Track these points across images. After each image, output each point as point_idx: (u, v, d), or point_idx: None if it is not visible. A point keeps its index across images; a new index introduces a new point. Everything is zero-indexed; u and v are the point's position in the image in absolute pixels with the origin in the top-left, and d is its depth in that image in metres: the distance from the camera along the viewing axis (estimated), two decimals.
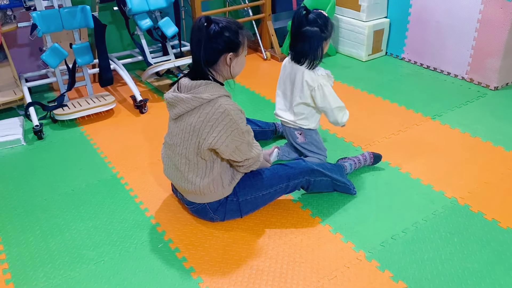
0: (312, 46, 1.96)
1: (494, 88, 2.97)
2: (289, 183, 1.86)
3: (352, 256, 1.70)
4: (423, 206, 1.94)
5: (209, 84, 1.65)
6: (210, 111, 1.62)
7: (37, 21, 2.54)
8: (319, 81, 2.00)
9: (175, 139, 1.73)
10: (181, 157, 1.73)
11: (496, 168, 2.18)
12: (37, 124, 2.59)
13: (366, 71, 3.38)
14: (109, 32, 3.11)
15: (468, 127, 2.54)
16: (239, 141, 1.66)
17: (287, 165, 1.89)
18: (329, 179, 1.94)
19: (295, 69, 2.05)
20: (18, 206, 2.04)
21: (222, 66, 1.68)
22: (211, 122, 1.62)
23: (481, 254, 1.69)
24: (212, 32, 1.60)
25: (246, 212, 1.87)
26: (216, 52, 1.64)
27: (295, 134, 2.16)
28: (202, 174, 1.72)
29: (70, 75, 2.75)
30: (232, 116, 1.62)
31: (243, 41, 1.68)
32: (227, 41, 1.63)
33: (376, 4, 3.41)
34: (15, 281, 1.64)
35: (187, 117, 1.66)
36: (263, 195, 1.84)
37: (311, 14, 1.96)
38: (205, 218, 1.88)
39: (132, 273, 1.66)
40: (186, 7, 3.52)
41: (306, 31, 1.95)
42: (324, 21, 1.96)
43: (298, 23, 1.97)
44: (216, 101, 1.62)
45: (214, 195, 1.77)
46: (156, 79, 3.32)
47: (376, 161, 2.21)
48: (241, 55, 1.70)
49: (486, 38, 2.91)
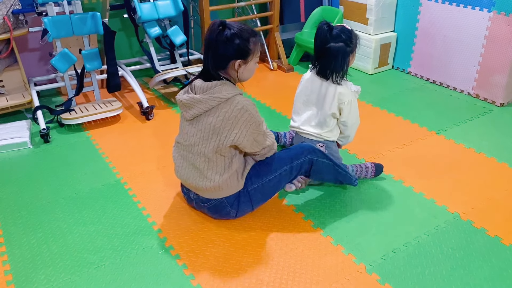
0: (337, 61, 1.96)
1: (500, 104, 2.97)
2: (293, 164, 1.89)
3: (352, 269, 1.69)
4: (425, 221, 1.94)
5: (224, 83, 1.69)
6: (229, 109, 1.67)
7: (48, 27, 2.59)
8: (351, 96, 2.03)
9: (192, 139, 1.76)
10: (200, 156, 1.76)
11: (500, 185, 2.17)
12: (44, 127, 2.62)
13: (372, 84, 3.39)
14: (118, 39, 3.15)
15: (473, 142, 2.54)
16: (256, 133, 1.73)
17: (290, 148, 1.95)
18: (331, 163, 1.96)
19: (326, 84, 2.04)
20: (22, 208, 2.06)
21: (230, 71, 1.73)
22: (231, 120, 1.67)
23: (483, 270, 1.68)
24: (224, 37, 1.64)
25: (257, 202, 1.89)
26: (225, 58, 1.68)
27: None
28: (222, 170, 1.77)
29: (79, 80, 2.78)
30: (250, 111, 1.68)
31: (253, 49, 1.70)
32: (236, 48, 1.66)
33: (383, 18, 3.43)
34: (16, 282, 1.65)
35: (204, 118, 1.71)
36: (270, 180, 1.86)
37: (335, 29, 1.95)
38: (221, 214, 1.90)
39: (132, 278, 1.66)
40: (195, 16, 3.56)
41: (331, 48, 1.95)
42: (348, 35, 1.96)
43: (322, 40, 1.96)
44: (233, 99, 1.68)
45: (231, 189, 1.81)
46: (163, 87, 3.35)
47: (378, 171, 2.22)
48: (250, 62, 1.73)
49: (492, 55, 2.92)
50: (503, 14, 2.79)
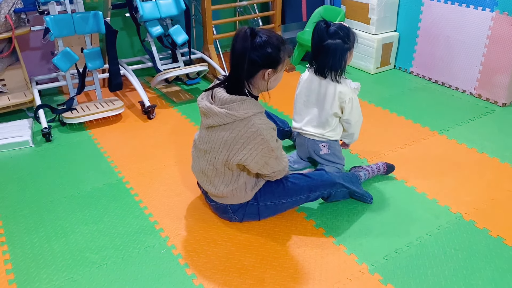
0: (335, 59, 1.95)
1: (503, 104, 2.96)
2: (310, 195, 1.87)
3: (355, 269, 1.69)
4: (427, 221, 1.93)
5: (244, 100, 1.63)
6: (242, 129, 1.62)
7: (50, 25, 2.58)
8: (351, 94, 2.02)
9: (205, 145, 1.75)
10: (209, 164, 1.75)
11: (503, 185, 2.16)
12: (46, 126, 2.62)
13: (374, 84, 3.38)
14: (120, 38, 3.14)
15: (475, 142, 2.53)
16: (267, 157, 1.67)
17: (310, 177, 1.88)
18: (347, 191, 1.96)
19: (325, 83, 2.03)
20: (24, 207, 2.06)
21: (259, 80, 1.66)
22: (242, 139, 1.62)
23: (485, 271, 1.67)
24: (255, 46, 1.58)
25: (265, 216, 1.89)
26: (255, 66, 1.61)
27: (318, 147, 2.13)
28: (228, 182, 1.75)
29: (80, 79, 2.78)
30: (264, 136, 1.62)
31: (283, 58, 1.65)
32: (268, 57, 1.60)
33: (385, 17, 3.43)
34: (18, 281, 1.65)
35: (219, 131, 1.67)
36: (283, 203, 1.85)
37: (332, 26, 1.94)
38: (225, 217, 1.91)
39: (134, 278, 1.66)
40: (197, 16, 3.56)
41: (328, 45, 1.94)
42: (346, 32, 1.95)
43: (320, 37, 1.95)
44: (249, 120, 1.62)
45: (236, 198, 1.81)
46: (164, 86, 3.35)
47: (389, 171, 2.22)
48: (280, 71, 1.69)
49: (495, 55, 2.91)
50: (506, 14, 2.78)
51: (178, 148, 2.51)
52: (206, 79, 3.48)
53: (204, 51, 3.41)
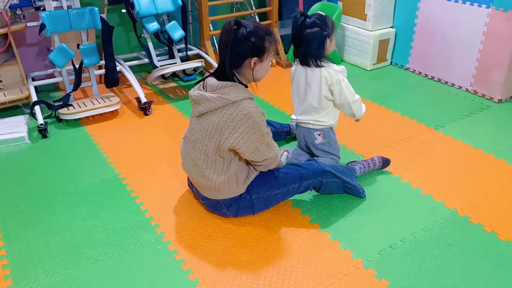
0: (315, 46, 2.01)
1: (498, 100, 2.97)
2: (302, 183, 1.90)
3: (349, 264, 1.70)
4: (422, 216, 1.94)
5: (235, 85, 1.69)
6: (233, 112, 1.66)
7: (45, 21, 2.58)
8: (337, 75, 2.04)
9: (196, 135, 1.77)
10: (201, 154, 1.77)
11: (497, 181, 2.18)
12: (42, 122, 2.61)
13: (370, 80, 3.39)
14: (116, 34, 3.14)
15: (471, 138, 2.54)
16: (259, 143, 1.71)
17: (300, 166, 1.93)
18: (340, 181, 1.97)
19: (310, 71, 2.07)
20: (20, 203, 2.06)
21: (246, 70, 1.72)
22: (233, 123, 1.67)
23: (480, 266, 1.69)
24: (239, 36, 1.64)
25: (259, 209, 1.91)
26: (241, 56, 1.68)
27: (313, 135, 2.16)
28: (219, 171, 1.77)
29: (76, 75, 2.78)
30: (255, 118, 1.67)
31: (268, 47, 1.71)
32: (252, 46, 1.66)
33: (382, 14, 3.43)
34: (13, 277, 1.65)
35: (210, 116, 1.71)
36: (276, 194, 1.87)
37: (308, 18, 2.00)
38: (219, 214, 1.92)
39: (130, 273, 1.67)
40: (193, 12, 3.55)
41: (307, 34, 1.99)
42: (323, 20, 2.00)
43: (298, 28, 2.01)
44: (240, 103, 1.67)
45: (228, 192, 1.82)
46: (161, 82, 3.35)
47: (385, 165, 2.24)
48: (266, 60, 1.74)
49: (491, 51, 2.91)
50: (502, 10, 2.79)
51: (174, 144, 2.51)
52: (202, 75, 3.48)
53: (201, 47, 3.41)
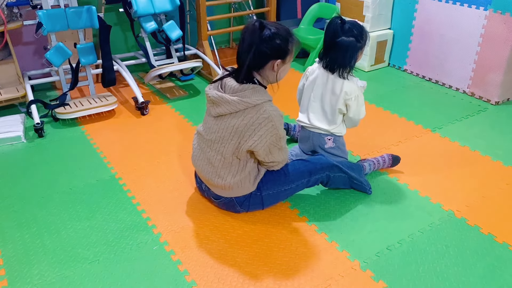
0: (347, 56, 1.97)
1: (495, 103, 2.98)
2: (310, 178, 1.92)
3: (347, 265, 1.69)
4: (419, 218, 1.94)
5: (256, 88, 1.69)
6: (254, 115, 1.67)
7: (42, 20, 2.56)
8: (357, 91, 2.03)
9: (213, 135, 1.77)
10: (217, 154, 1.77)
11: (494, 183, 2.18)
12: (38, 122, 2.60)
13: (368, 82, 3.31)
14: (113, 33, 3.12)
15: (468, 140, 2.54)
16: (273, 145, 1.73)
17: (308, 161, 1.95)
18: (346, 176, 1.99)
19: (332, 78, 2.04)
20: (15, 202, 2.04)
21: (268, 71, 1.72)
22: (254, 126, 1.67)
23: (477, 268, 1.69)
24: (264, 37, 1.63)
25: (268, 204, 1.94)
26: (265, 57, 1.67)
27: (324, 140, 2.14)
28: (235, 172, 1.78)
29: (73, 74, 2.76)
30: (275, 122, 1.68)
31: (291, 49, 1.71)
32: (277, 48, 1.65)
33: (380, 15, 3.43)
34: (9, 277, 1.64)
35: (230, 118, 1.71)
36: (285, 190, 1.90)
37: (347, 23, 1.96)
38: (232, 211, 1.94)
39: (126, 274, 1.66)
40: (191, 11, 3.54)
41: (341, 41, 1.95)
42: (360, 31, 1.96)
43: (333, 33, 1.96)
44: (261, 106, 1.67)
45: (241, 190, 1.83)
46: (158, 82, 3.34)
47: (395, 163, 2.24)
48: (288, 62, 1.73)
49: (488, 53, 2.92)
50: (499, 13, 2.79)
51: (172, 145, 2.51)
52: (200, 75, 3.47)
53: (199, 47, 3.40)
